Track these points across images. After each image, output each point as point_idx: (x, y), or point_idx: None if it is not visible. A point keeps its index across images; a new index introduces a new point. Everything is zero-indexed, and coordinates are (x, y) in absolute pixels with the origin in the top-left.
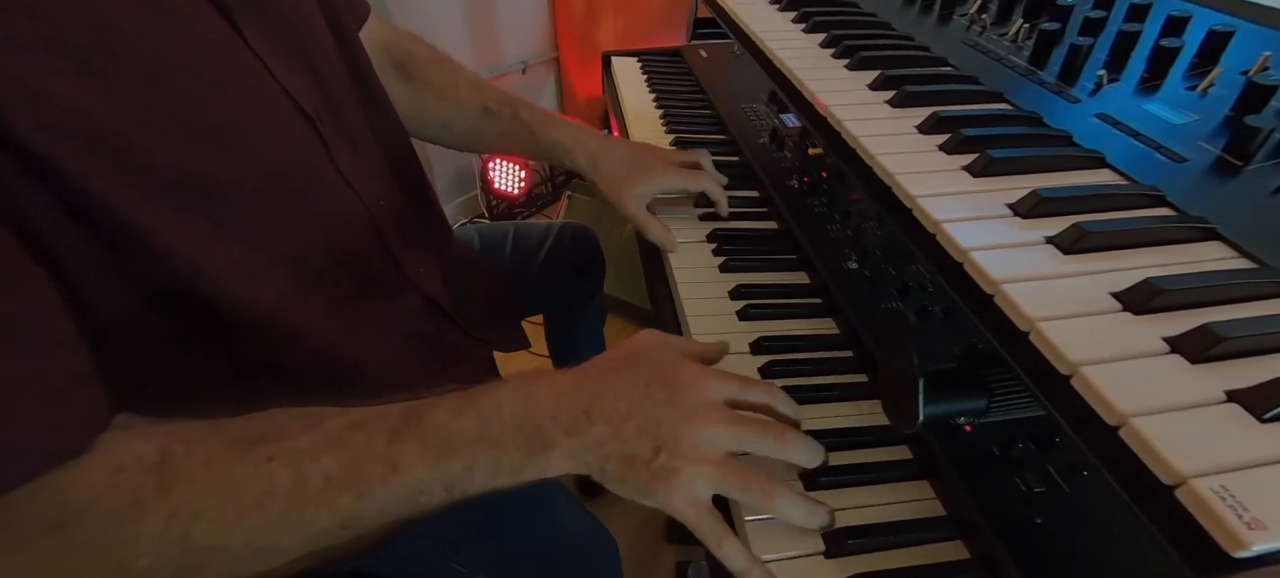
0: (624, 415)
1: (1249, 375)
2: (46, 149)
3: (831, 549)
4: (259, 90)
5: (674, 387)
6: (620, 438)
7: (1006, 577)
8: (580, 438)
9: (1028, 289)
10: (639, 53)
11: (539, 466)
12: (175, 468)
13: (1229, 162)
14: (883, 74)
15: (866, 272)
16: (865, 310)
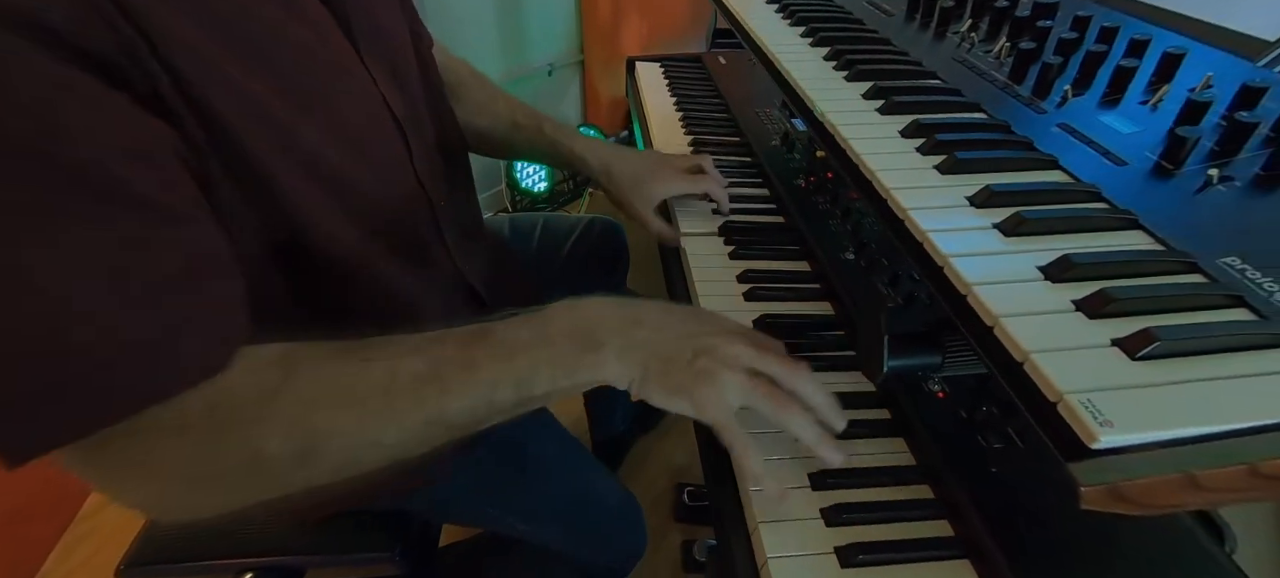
0: (665, 327)
1: (1131, 327)
2: (232, 122)
3: (816, 484)
4: (369, 97)
5: (708, 313)
6: (663, 342)
7: (965, 517)
8: (627, 337)
9: (970, 262)
10: (661, 59)
11: (591, 365)
12: (296, 365)
13: (1163, 166)
14: (875, 85)
15: (862, 262)
16: (858, 294)
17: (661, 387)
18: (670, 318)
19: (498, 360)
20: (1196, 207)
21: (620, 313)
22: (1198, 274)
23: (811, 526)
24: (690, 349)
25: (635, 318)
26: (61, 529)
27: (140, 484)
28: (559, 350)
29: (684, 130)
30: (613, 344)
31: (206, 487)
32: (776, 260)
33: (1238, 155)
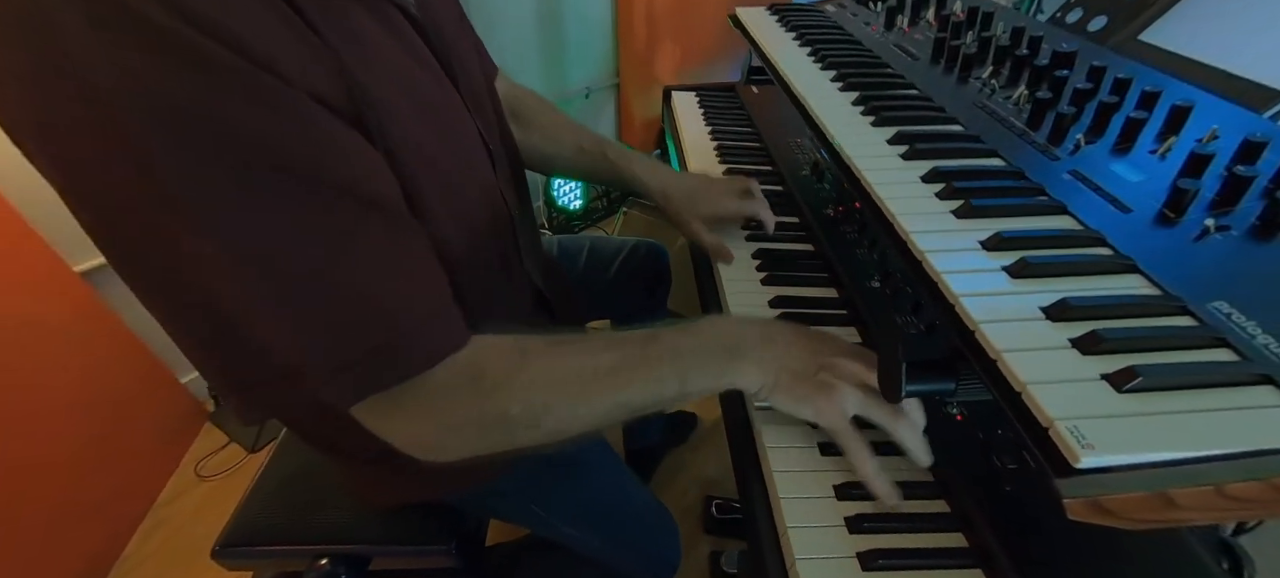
0: (793, 344)
1: (1118, 364)
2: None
3: (840, 495)
4: (469, 127)
5: (833, 340)
6: (793, 357)
7: (979, 531)
8: (764, 351)
9: (979, 302)
10: (697, 88)
11: (735, 371)
12: (528, 352)
13: (1166, 214)
14: (899, 132)
15: (887, 290)
16: (882, 321)
17: (789, 395)
18: (799, 337)
19: (666, 361)
20: (1193, 254)
21: (759, 331)
22: (1188, 317)
23: (835, 532)
24: (814, 365)
25: (770, 336)
26: (141, 516)
27: (416, 425)
28: (710, 357)
29: (718, 159)
30: (752, 355)
31: (460, 434)
32: (806, 287)
33: (1236, 206)
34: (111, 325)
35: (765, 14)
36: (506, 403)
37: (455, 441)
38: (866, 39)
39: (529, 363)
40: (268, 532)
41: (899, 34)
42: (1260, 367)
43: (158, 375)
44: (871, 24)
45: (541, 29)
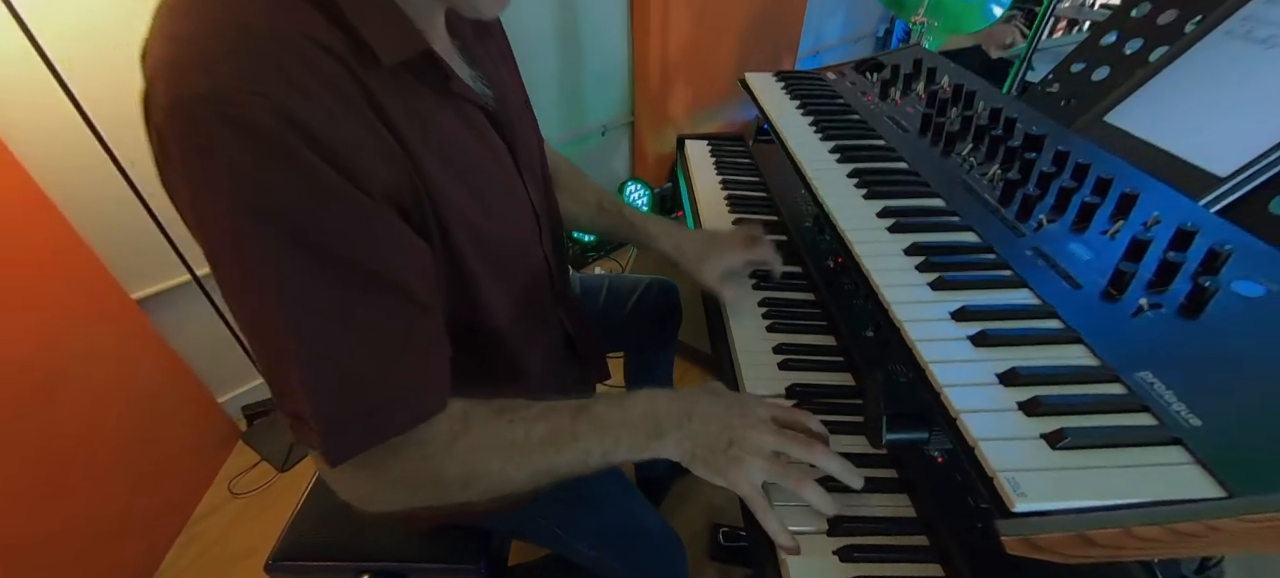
0: (711, 420)
1: (1054, 425)
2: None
3: (833, 529)
4: (522, 200)
5: (744, 407)
6: (707, 434)
7: (956, 564)
8: (682, 430)
9: (945, 368)
10: (709, 138)
11: (655, 446)
12: (470, 420)
13: (1110, 292)
14: (887, 206)
15: (879, 339)
16: (873, 370)
17: (705, 467)
18: (716, 410)
19: (593, 434)
20: (1129, 328)
21: (679, 407)
22: (1118, 384)
23: (829, 561)
24: (726, 439)
25: (689, 413)
26: (177, 531)
27: (359, 478)
28: (634, 433)
29: (729, 208)
30: (671, 434)
31: (396, 489)
32: (807, 334)
33: (1168, 287)
34: (157, 347)
35: (772, 80)
36: (443, 466)
37: (390, 495)
38: (862, 109)
39: (470, 431)
40: (316, 549)
41: (892, 105)
42: (1172, 430)
43: (197, 395)
44: (867, 94)
45: (563, 72)
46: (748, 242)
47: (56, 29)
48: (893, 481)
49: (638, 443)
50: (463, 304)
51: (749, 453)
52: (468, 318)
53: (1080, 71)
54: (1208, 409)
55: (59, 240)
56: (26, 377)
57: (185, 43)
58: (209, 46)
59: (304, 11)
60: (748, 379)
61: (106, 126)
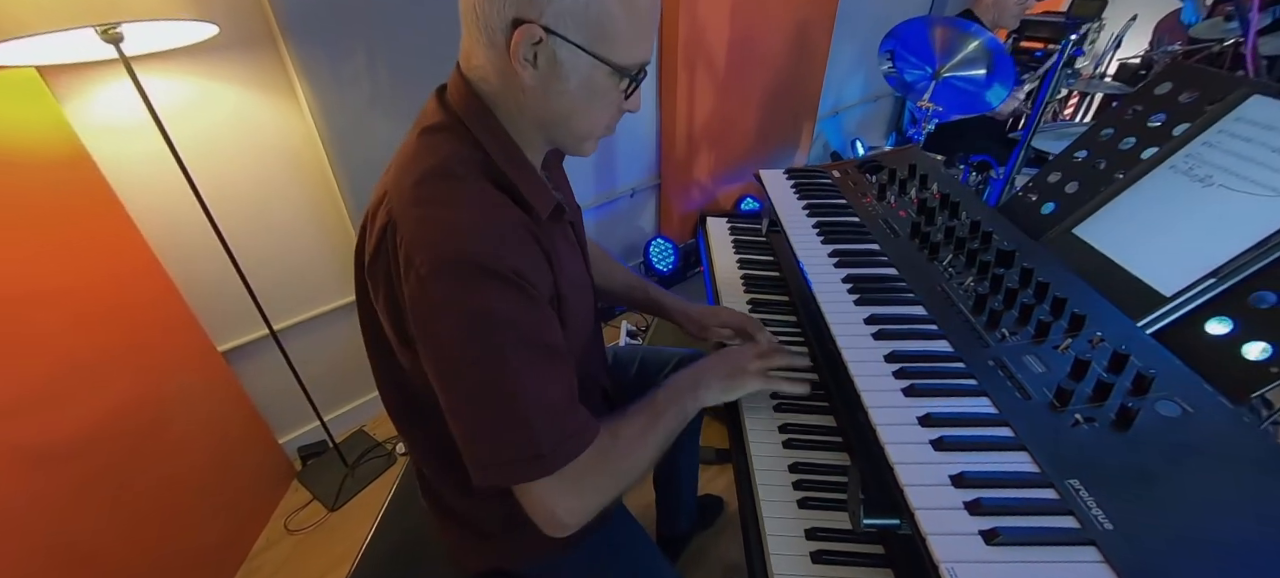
0: (720, 365)
1: (991, 523)
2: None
3: None
4: (588, 281)
5: (737, 354)
6: (720, 374)
7: None
8: (707, 377)
9: (909, 468)
10: (728, 216)
11: (698, 395)
12: (614, 429)
13: (1054, 404)
14: (873, 313)
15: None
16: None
17: (723, 392)
18: (720, 360)
19: (669, 405)
20: (1066, 439)
21: (699, 368)
22: (1051, 489)
23: None
24: (733, 369)
25: (706, 368)
26: (238, 564)
27: (567, 491)
28: (684, 394)
29: (744, 288)
30: (702, 384)
31: (594, 492)
32: (809, 415)
33: (1103, 405)
34: (236, 394)
35: (783, 179)
36: (615, 463)
37: (590, 499)
38: (861, 210)
39: (618, 435)
40: None
41: (887, 207)
42: (1089, 533)
43: (262, 437)
44: (867, 195)
45: None
46: (744, 318)
47: (181, 120)
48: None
49: (690, 398)
50: None
51: (749, 364)
52: None
53: (1056, 182)
54: (1120, 516)
55: (163, 297)
56: (134, 420)
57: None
58: (463, 228)
59: (503, 200)
60: (757, 458)
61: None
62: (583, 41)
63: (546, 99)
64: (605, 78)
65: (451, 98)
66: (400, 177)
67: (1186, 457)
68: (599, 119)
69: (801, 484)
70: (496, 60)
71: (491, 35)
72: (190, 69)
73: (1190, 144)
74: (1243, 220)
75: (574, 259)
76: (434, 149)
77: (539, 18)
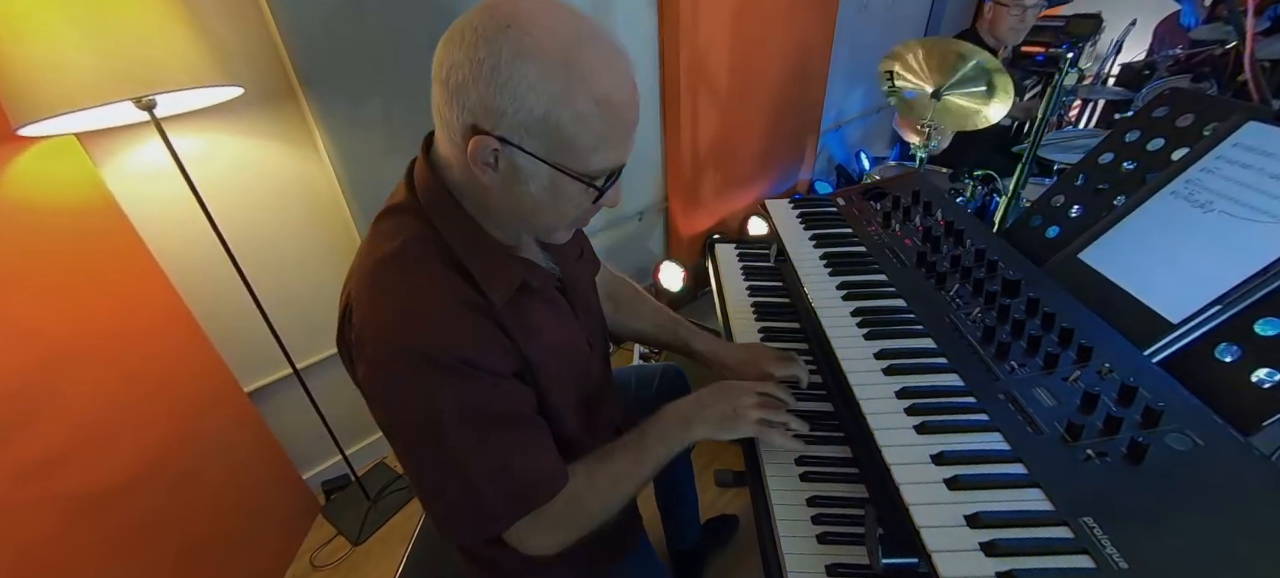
0: (717, 402)
1: (1009, 565)
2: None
3: None
4: (582, 341)
5: (734, 389)
6: (717, 411)
7: None
8: (700, 416)
9: (923, 510)
10: (736, 243)
11: (690, 432)
12: (591, 472)
13: (1065, 439)
14: (883, 348)
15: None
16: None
17: (720, 431)
18: (718, 396)
19: (657, 442)
20: (1078, 474)
21: (694, 402)
22: (1064, 527)
23: None
24: (730, 409)
25: (702, 403)
26: None
27: (538, 534)
28: (675, 431)
29: (755, 316)
30: (696, 420)
31: (566, 530)
32: (825, 446)
33: (1114, 438)
34: (261, 433)
35: (788, 208)
36: (588, 505)
37: (563, 536)
38: (867, 239)
39: (593, 479)
40: None
41: (892, 235)
42: (1105, 573)
43: (285, 471)
44: (872, 224)
45: None
46: (780, 360)
47: (208, 172)
48: None
49: (680, 436)
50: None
51: (746, 411)
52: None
53: (1059, 205)
54: (1133, 553)
55: (192, 342)
56: (172, 464)
57: (393, 311)
58: (409, 318)
59: (457, 283)
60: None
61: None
62: (541, 152)
63: (509, 197)
64: (570, 183)
65: (417, 180)
66: (362, 257)
67: (1198, 492)
68: (566, 215)
69: (820, 519)
70: (459, 157)
71: (452, 135)
72: (217, 126)
73: (1189, 170)
74: (1245, 247)
75: (557, 325)
76: (394, 232)
77: (494, 129)
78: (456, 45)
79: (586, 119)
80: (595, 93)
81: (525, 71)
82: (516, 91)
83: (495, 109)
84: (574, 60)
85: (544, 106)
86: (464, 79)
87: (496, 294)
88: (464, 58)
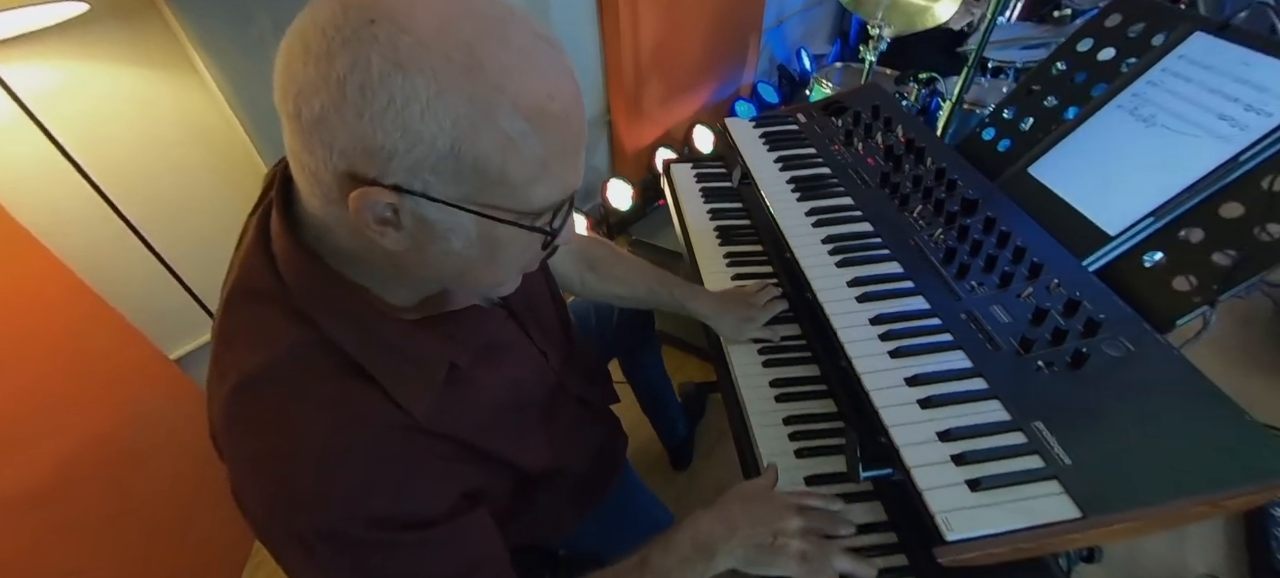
0: (753, 525)
1: (975, 473)
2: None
3: None
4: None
5: (771, 506)
6: (753, 538)
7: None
8: (730, 543)
9: (902, 429)
10: (692, 161)
11: (713, 565)
12: None
13: (1020, 353)
14: (856, 276)
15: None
16: (853, 399)
17: (758, 565)
18: (752, 515)
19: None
20: (1030, 384)
21: (723, 526)
22: (1019, 433)
23: None
24: (769, 536)
25: (732, 527)
26: (244, 562)
27: None
28: (691, 566)
29: (718, 239)
30: (722, 549)
31: None
32: (795, 367)
33: (1060, 348)
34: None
35: (750, 129)
36: None
37: None
38: (830, 159)
39: None
40: None
41: (855, 155)
42: (1052, 469)
43: None
44: (834, 142)
45: None
46: (767, 306)
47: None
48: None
49: (697, 571)
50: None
51: (789, 538)
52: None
53: (1011, 118)
54: (1076, 450)
55: (97, 316)
56: (107, 449)
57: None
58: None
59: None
60: (754, 415)
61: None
62: (458, 198)
63: (428, 262)
64: (507, 231)
65: (279, 254)
66: (216, 377)
67: (1128, 391)
68: (511, 268)
69: (796, 436)
70: (339, 216)
71: (323, 189)
72: (64, 53)
73: (1135, 83)
74: (1180, 161)
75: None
76: (255, 339)
77: (383, 177)
78: (302, 59)
79: (515, 143)
80: (521, 103)
81: (412, 88)
82: (405, 119)
83: (378, 149)
84: (481, 60)
85: (450, 136)
86: (323, 110)
87: (417, 400)
88: (316, 78)
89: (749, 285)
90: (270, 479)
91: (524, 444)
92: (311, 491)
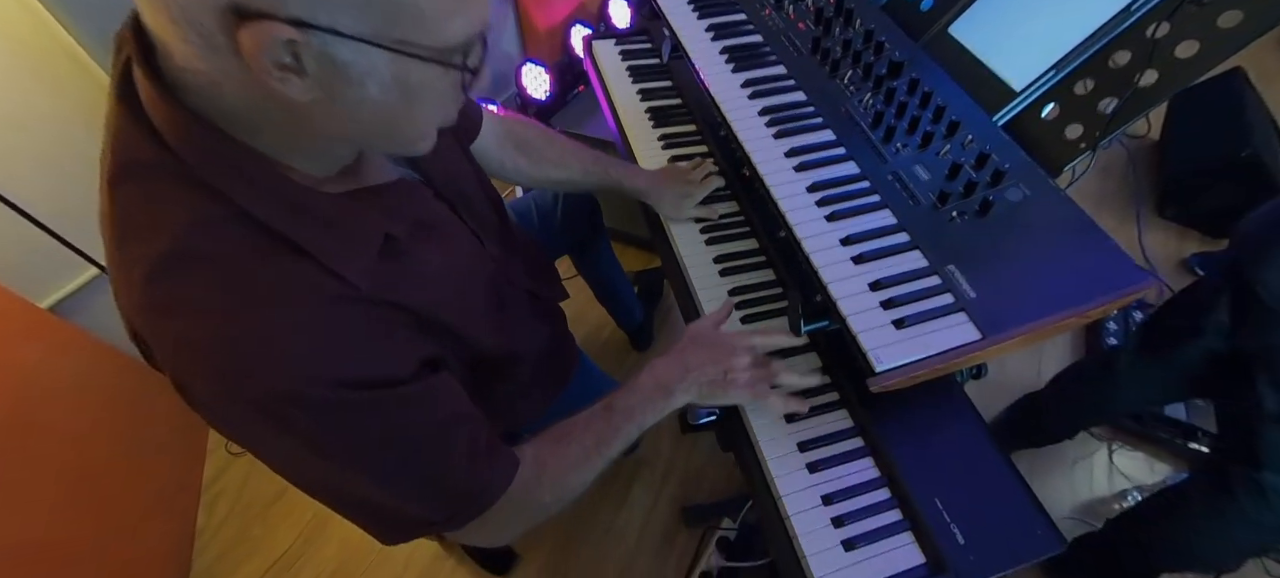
0: (703, 365)
1: (899, 314)
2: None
3: None
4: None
5: (721, 347)
6: (704, 376)
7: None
8: (685, 381)
9: (840, 283)
10: (616, 36)
11: (672, 402)
12: (541, 460)
13: (937, 205)
14: (793, 146)
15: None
16: (790, 266)
17: (711, 397)
18: (703, 356)
19: (625, 420)
20: (945, 232)
21: (677, 366)
22: (935, 276)
23: None
24: (720, 372)
25: (686, 366)
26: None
27: (485, 534)
28: (652, 403)
29: (651, 121)
30: (678, 388)
31: (513, 527)
32: (735, 242)
33: (970, 198)
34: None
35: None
36: (538, 497)
37: (512, 529)
38: (761, 26)
39: (544, 467)
40: None
41: (786, 20)
42: (961, 303)
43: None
44: (765, 7)
45: None
46: (704, 182)
47: None
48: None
49: (656, 409)
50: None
51: (738, 373)
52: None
53: None
54: (980, 285)
55: None
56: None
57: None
58: (244, 352)
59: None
60: (700, 290)
61: None
62: (369, 33)
63: (338, 114)
64: (425, 70)
65: (159, 120)
66: (121, 266)
67: (1024, 230)
68: (428, 118)
69: (743, 304)
70: (226, 67)
71: (201, 33)
72: None
73: None
74: (1084, 14)
75: (443, 250)
76: (155, 216)
77: (279, 10)
78: None
79: None
80: None
81: None
82: None
83: None
84: None
85: None
86: None
87: (355, 269)
88: None
89: (684, 164)
90: (212, 352)
91: (471, 320)
92: (259, 354)
